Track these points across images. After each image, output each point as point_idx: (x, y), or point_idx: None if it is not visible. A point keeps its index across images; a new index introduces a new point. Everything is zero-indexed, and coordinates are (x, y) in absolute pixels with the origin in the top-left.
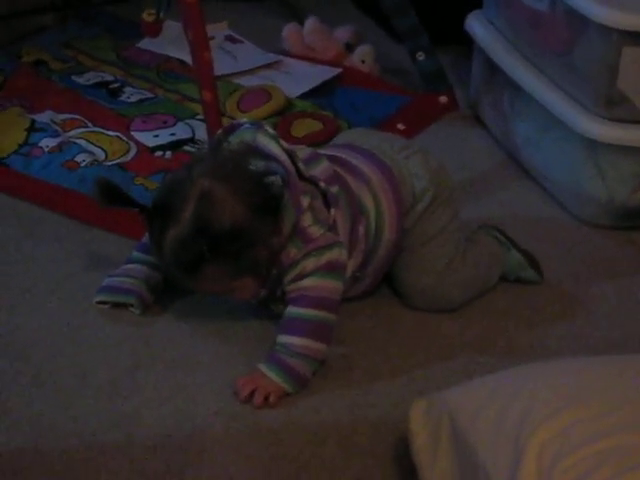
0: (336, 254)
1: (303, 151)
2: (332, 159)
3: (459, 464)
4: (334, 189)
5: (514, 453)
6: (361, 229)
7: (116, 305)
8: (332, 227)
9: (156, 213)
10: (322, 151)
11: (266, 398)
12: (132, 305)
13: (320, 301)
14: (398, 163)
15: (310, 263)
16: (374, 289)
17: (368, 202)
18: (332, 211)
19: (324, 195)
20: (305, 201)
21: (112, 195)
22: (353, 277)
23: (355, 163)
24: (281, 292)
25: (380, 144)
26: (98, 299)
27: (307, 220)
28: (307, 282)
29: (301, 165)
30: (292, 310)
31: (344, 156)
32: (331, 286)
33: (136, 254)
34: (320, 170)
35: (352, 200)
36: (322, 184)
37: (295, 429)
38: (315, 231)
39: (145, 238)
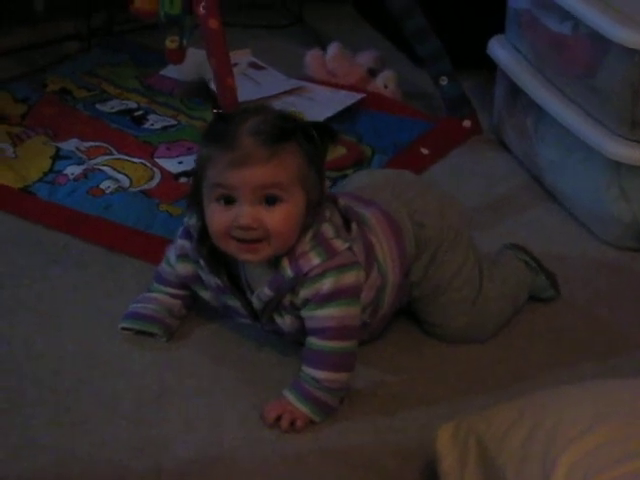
0: (355, 276)
1: None
2: None
3: None
4: (353, 213)
5: (542, 475)
6: (375, 265)
7: (140, 332)
8: (351, 246)
9: (235, 113)
10: None
11: (292, 423)
12: (157, 334)
13: (343, 332)
14: (399, 212)
15: (327, 283)
16: (376, 336)
17: (374, 241)
18: (354, 225)
19: (342, 216)
20: (327, 213)
21: (196, 89)
22: (362, 323)
23: (357, 210)
24: (289, 302)
25: (380, 191)
26: (123, 325)
27: (330, 232)
28: (327, 312)
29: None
30: (316, 342)
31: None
32: (351, 313)
33: (155, 285)
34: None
35: (363, 234)
36: (341, 201)
37: (321, 454)
38: (340, 245)
39: (161, 271)
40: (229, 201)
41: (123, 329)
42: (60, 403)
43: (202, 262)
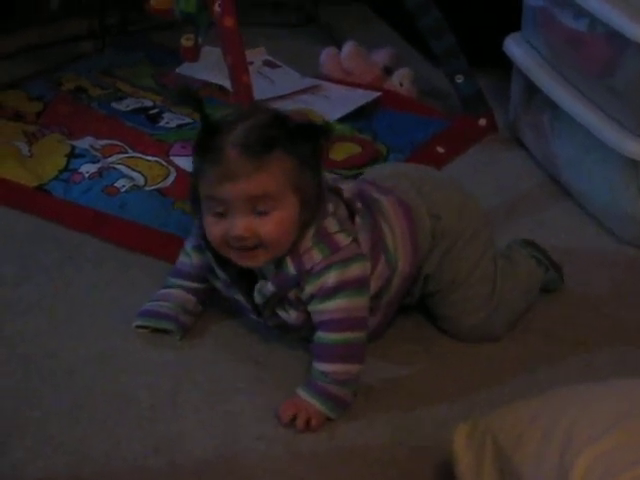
0: (360, 268)
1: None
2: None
3: None
4: (358, 204)
5: (558, 476)
6: (382, 256)
7: (155, 330)
8: (356, 238)
9: (222, 121)
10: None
11: (308, 422)
12: (171, 331)
13: (350, 323)
14: (416, 202)
15: (332, 277)
16: (383, 331)
17: (386, 229)
18: (357, 219)
19: (348, 207)
20: (330, 207)
21: (188, 95)
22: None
23: (374, 196)
24: (295, 297)
25: (400, 181)
26: (137, 323)
27: (333, 226)
28: (333, 305)
29: (325, 174)
30: (323, 336)
31: (363, 188)
32: (358, 305)
33: (171, 280)
34: (345, 186)
35: (373, 223)
36: (347, 194)
37: (337, 452)
38: (342, 239)
39: (179, 264)
40: (222, 213)
41: (137, 327)
42: (75, 401)
43: (209, 254)
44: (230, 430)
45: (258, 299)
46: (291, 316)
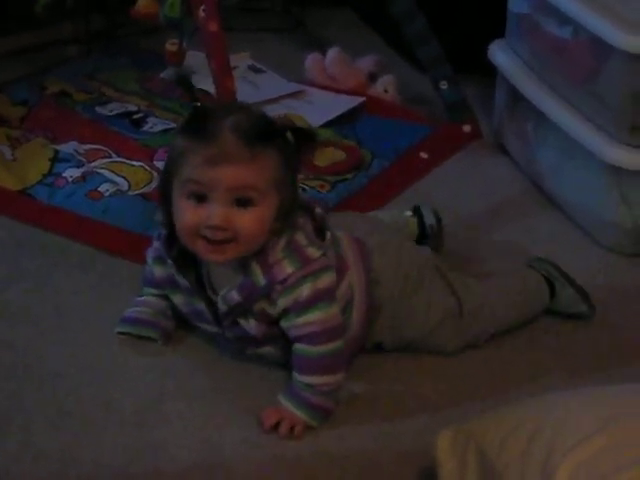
0: (329, 279)
1: None
2: None
3: None
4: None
5: None
6: (347, 277)
7: (137, 336)
8: (325, 252)
9: (216, 107)
10: None
11: (291, 429)
12: (155, 339)
13: (329, 334)
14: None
15: (305, 289)
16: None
17: (347, 259)
18: (328, 234)
19: (317, 225)
20: (300, 221)
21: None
22: None
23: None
24: (260, 311)
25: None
26: (119, 330)
27: (303, 240)
28: (312, 317)
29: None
30: (306, 349)
31: None
32: (331, 314)
33: (145, 289)
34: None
35: (337, 250)
36: (318, 209)
37: (320, 458)
38: (313, 252)
39: (146, 272)
40: (200, 199)
41: (119, 333)
42: (60, 407)
43: (169, 261)
44: (214, 435)
45: (221, 307)
46: (251, 326)
